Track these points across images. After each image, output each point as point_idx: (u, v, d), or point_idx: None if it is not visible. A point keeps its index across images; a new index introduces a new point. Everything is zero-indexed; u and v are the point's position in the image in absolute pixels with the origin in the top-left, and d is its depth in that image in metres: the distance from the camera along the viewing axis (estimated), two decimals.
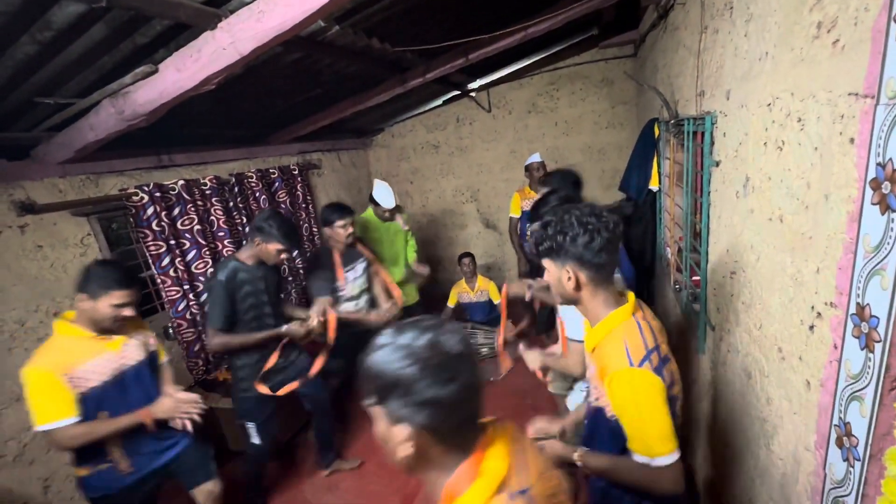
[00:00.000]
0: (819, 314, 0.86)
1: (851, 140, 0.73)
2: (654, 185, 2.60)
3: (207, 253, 2.77)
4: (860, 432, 0.73)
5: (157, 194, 2.50)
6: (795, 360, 0.97)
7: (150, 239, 2.49)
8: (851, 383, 0.75)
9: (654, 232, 2.81)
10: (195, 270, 2.72)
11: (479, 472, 0.68)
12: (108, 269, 1.57)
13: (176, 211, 2.64)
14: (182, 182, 2.64)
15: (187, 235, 2.68)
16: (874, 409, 0.69)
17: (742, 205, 1.29)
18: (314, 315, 2.22)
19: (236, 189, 3.07)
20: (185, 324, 2.67)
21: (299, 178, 3.67)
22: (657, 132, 2.53)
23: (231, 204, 3.03)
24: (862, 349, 0.71)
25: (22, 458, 1.98)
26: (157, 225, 2.51)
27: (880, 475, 0.71)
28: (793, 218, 0.96)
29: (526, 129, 4.58)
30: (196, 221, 2.71)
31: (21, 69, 1.45)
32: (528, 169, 3.60)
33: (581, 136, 4.48)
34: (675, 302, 2.35)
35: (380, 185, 3.09)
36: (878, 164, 0.65)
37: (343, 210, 2.55)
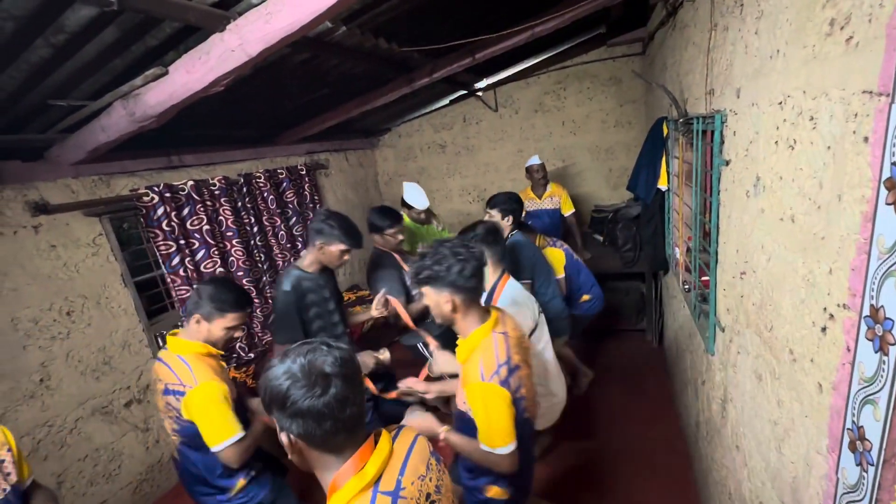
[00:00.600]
0: (831, 316, 0.84)
1: (865, 139, 0.71)
2: (662, 185, 2.57)
3: (216, 252, 2.80)
4: (874, 436, 0.72)
5: (167, 194, 2.53)
6: (807, 363, 0.96)
7: (160, 239, 2.52)
8: (865, 386, 0.73)
9: (663, 232, 2.79)
10: (204, 270, 2.74)
11: (357, 471, 0.80)
12: (224, 291, 1.53)
13: (185, 211, 2.67)
14: (191, 182, 2.67)
15: (196, 235, 2.71)
16: (888, 413, 0.68)
17: (752, 204, 1.27)
18: (374, 310, 2.08)
19: (244, 189, 3.10)
20: None
21: (307, 178, 3.69)
22: (666, 131, 2.50)
23: (239, 204, 3.06)
24: (876, 352, 0.70)
25: (36, 453, 2.02)
26: (167, 225, 2.54)
27: (894, 480, 0.70)
28: (805, 218, 0.94)
29: (533, 128, 4.57)
30: (205, 221, 2.74)
31: (36, 72, 1.47)
32: (528, 171, 3.59)
33: (588, 136, 4.45)
34: (685, 302, 2.33)
35: (410, 187, 2.97)
36: (892, 164, 0.64)
37: (395, 216, 2.38)
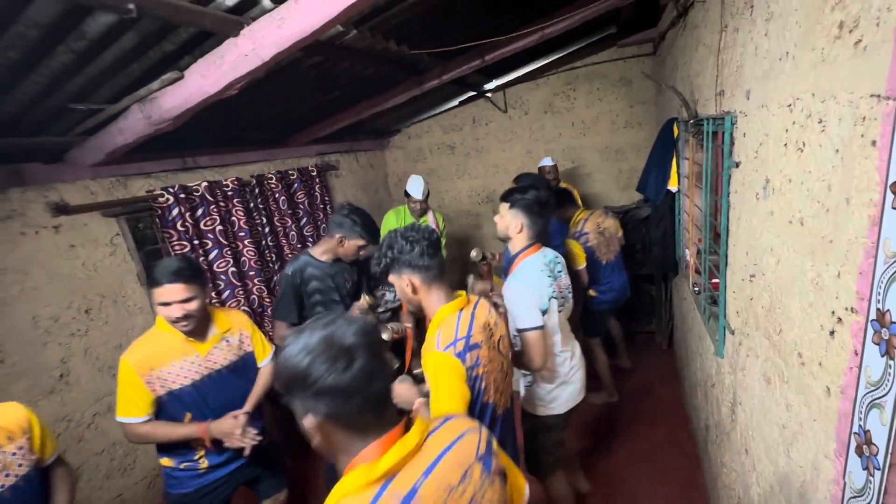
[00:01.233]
0: (840, 319, 0.84)
1: (873, 142, 0.71)
2: (672, 186, 2.56)
3: (228, 252, 2.85)
4: (880, 440, 0.72)
5: (182, 195, 2.58)
6: (815, 366, 0.95)
7: (174, 239, 2.58)
8: (871, 390, 0.73)
9: (673, 234, 2.77)
10: (217, 269, 2.79)
11: (373, 458, 0.71)
12: (160, 264, 1.46)
13: (199, 212, 2.72)
14: (205, 184, 2.72)
15: (209, 235, 2.76)
16: (894, 417, 0.68)
17: (762, 207, 1.26)
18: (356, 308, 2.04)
19: (257, 190, 3.15)
20: None
21: (317, 179, 3.73)
22: (676, 132, 2.49)
23: (251, 205, 3.11)
24: (882, 356, 0.70)
25: None
26: (182, 225, 2.59)
27: None
28: (813, 221, 0.94)
29: (542, 129, 4.56)
30: (218, 222, 2.79)
31: (57, 77, 1.52)
32: (540, 171, 3.59)
33: (598, 137, 4.43)
34: (694, 304, 2.31)
35: (412, 178, 3.13)
36: None
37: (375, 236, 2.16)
